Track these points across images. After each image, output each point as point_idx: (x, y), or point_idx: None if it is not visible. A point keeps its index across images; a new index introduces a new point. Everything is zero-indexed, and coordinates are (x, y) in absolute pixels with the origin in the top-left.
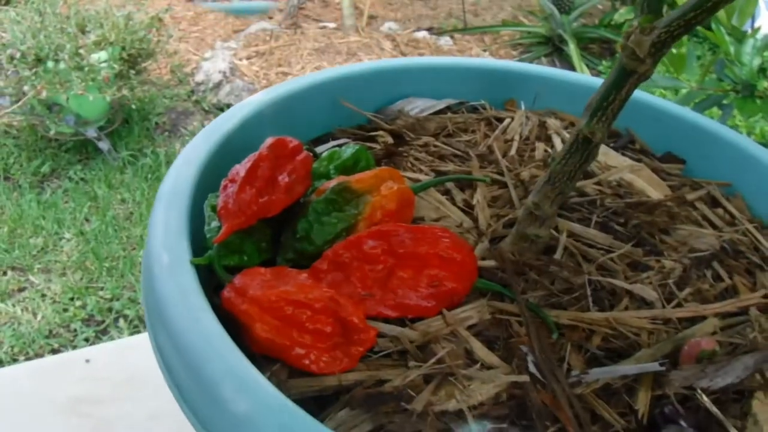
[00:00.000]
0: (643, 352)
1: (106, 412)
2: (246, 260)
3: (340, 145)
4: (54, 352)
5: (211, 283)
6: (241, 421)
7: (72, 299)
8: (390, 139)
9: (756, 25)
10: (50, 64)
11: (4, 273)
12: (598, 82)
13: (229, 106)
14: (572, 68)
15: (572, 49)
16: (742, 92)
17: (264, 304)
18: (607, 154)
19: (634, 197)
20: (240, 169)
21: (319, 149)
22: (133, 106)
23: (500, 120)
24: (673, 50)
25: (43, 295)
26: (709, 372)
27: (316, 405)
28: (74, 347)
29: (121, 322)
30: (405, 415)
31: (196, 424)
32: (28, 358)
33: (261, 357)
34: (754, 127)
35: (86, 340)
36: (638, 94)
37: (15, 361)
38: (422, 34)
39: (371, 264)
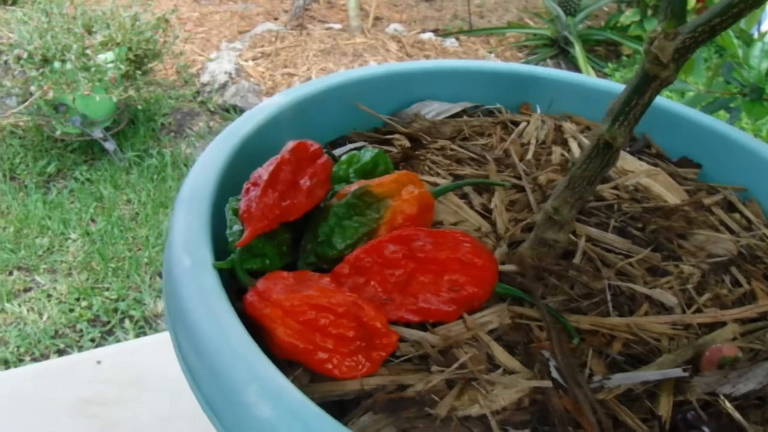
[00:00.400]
0: (665, 357)
1: (114, 413)
2: (268, 264)
3: (357, 149)
4: (60, 352)
5: (232, 287)
6: (266, 426)
7: (78, 300)
8: (407, 143)
9: (763, 28)
10: (57, 64)
11: (10, 273)
12: (614, 85)
13: (234, 107)
14: (578, 70)
15: (578, 51)
16: (750, 95)
17: (287, 308)
18: (623, 159)
19: (652, 202)
20: (262, 172)
21: (336, 152)
22: (139, 107)
23: (516, 124)
24: None
25: (49, 296)
26: (732, 378)
27: (337, 410)
28: (80, 348)
29: (127, 323)
30: (428, 420)
31: (220, 429)
32: (33, 359)
33: (283, 361)
34: (761, 130)
35: (92, 340)
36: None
37: (21, 361)
38: (428, 36)
39: (392, 268)
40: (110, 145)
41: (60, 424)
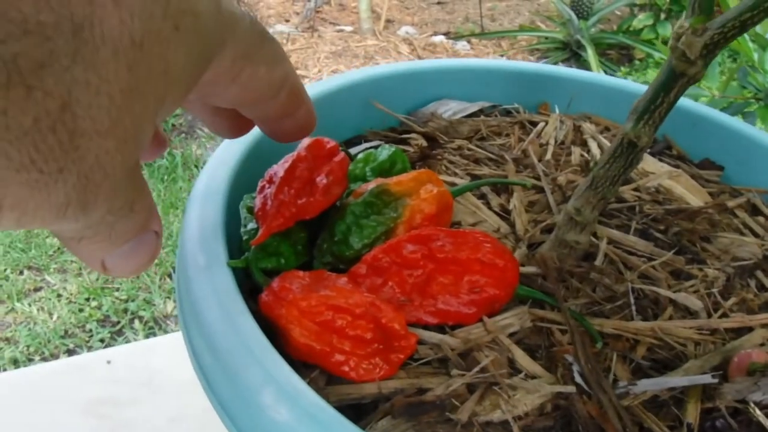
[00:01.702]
0: (691, 363)
1: (124, 414)
2: (283, 263)
3: (373, 147)
4: (69, 352)
5: (246, 286)
6: (283, 429)
7: (88, 299)
8: (423, 142)
9: None
10: None
11: (21, 273)
12: (634, 85)
13: None
14: None
15: (590, 54)
16: (765, 100)
17: (303, 309)
18: (644, 160)
19: (674, 204)
20: (278, 169)
21: (351, 151)
22: None
23: (534, 124)
24: None
25: (59, 295)
26: (762, 385)
27: (353, 413)
28: (90, 348)
29: (137, 324)
30: (449, 425)
31: (233, 431)
32: (43, 358)
33: (298, 363)
34: None
35: (101, 340)
36: None
37: (30, 360)
38: (439, 39)
39: (410, 269)
40: None
41: (71, 424)
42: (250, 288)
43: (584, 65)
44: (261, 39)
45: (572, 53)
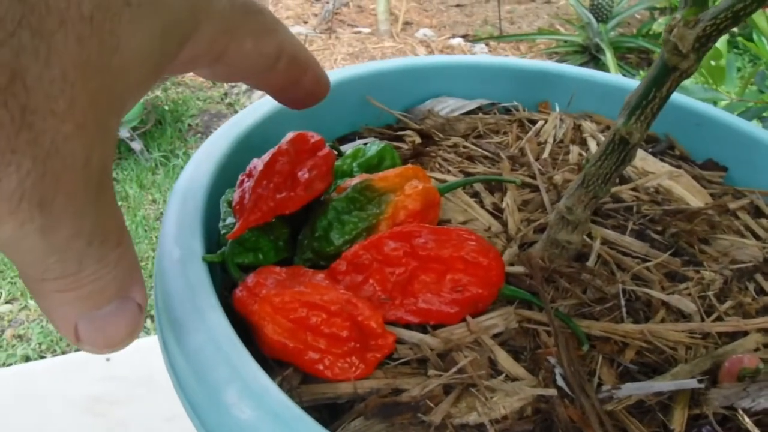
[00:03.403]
0: (680, 367)
1: (121, 412)
2: (262, 259)
3: (365, 144)
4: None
5: (227, 282)
6: (246, 428)
7: None
8: (418, 139)
9: None
10: None
11: None
12: (636, 84)
13: None
14: None
15: (609, 58)
16: None
17: (276, 305)
18: (645, 160)
19: (673, 204)
20: (258, 163)
21: (344, 147)
22: (167, 108)
23: (533, 122)
24: (712, 62)
25: None
26: (752, 391)
27: (330, 413)
28: None
29: (148, 322)
30: (422, 426)
31: (200, 429)
32: (55, 355)
33: (273, 361)
34: None
35: None
36: (679, 98)
37: (42, 357)
38: (457, 41)
39: (392, 266)
40: (137, 145)
41: (68, 421)
42: (231, 284)
43: (603, 69)
44: (244, 12)
45: (591, 57)
